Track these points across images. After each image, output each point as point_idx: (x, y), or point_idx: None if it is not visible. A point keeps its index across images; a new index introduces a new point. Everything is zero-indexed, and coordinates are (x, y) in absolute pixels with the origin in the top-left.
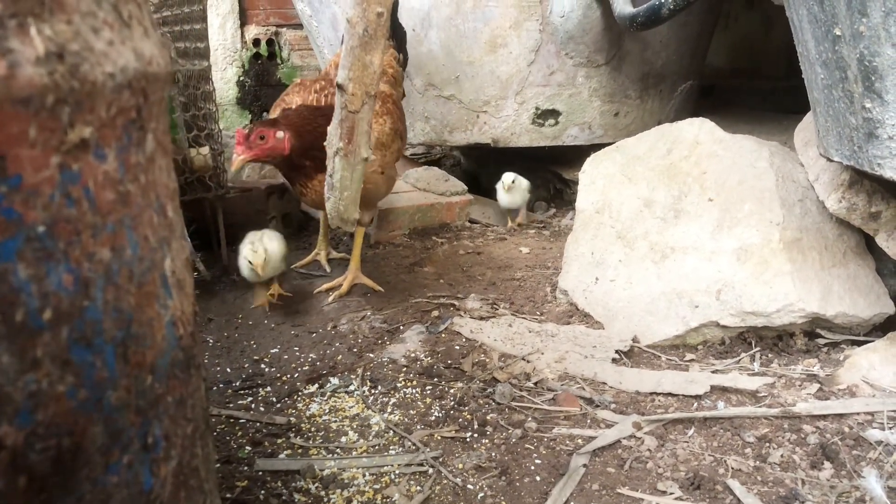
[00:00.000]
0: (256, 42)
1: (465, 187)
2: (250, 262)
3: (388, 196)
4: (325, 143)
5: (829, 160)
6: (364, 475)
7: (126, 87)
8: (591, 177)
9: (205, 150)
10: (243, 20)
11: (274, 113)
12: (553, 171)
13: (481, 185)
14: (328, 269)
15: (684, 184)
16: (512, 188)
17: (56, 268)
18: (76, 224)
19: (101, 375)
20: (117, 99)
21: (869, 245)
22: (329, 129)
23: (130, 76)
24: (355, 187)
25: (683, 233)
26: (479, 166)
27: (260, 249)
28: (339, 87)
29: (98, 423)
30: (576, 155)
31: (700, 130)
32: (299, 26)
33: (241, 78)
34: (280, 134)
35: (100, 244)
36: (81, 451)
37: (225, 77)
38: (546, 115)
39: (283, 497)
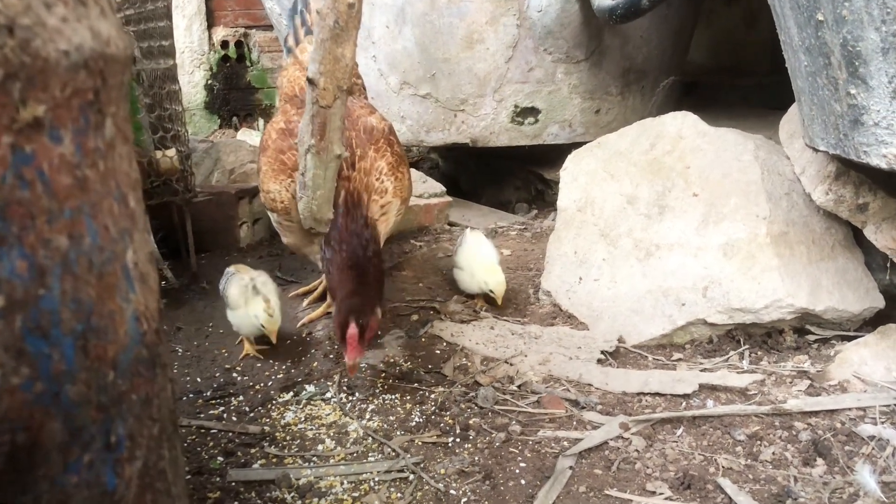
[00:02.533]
0: (225, 44)
1: (444, 189)
2: (263, 326)
3: None
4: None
5: (815, 150)
6: (342, 483)
7: (82, 66)
8: (573, 174)
9: (171, 152)
10: (210, 21)
11: (272, 136)
12: (534, 172)
13: (461, 187)
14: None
15: (668, 179)
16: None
17: (9, 253)
18: (30, 208)
19: (58, 368)
20: (73, 78)
21: (857, 238)
22: (300, 125)
23: (86, 55)
24: (329, 186)
25: (668, 229)
26: (458, 168)
27: (276, 313)
28: (310, 81)
29: (56, 418)
30: (557, 154)
31: (683, 124)
32: (269, 27)
33: (210, 81)
34: (377, 312)
35: (56, 231)
36: (38, 447)
37: (192, 81)
38: (525, 114)
39: None
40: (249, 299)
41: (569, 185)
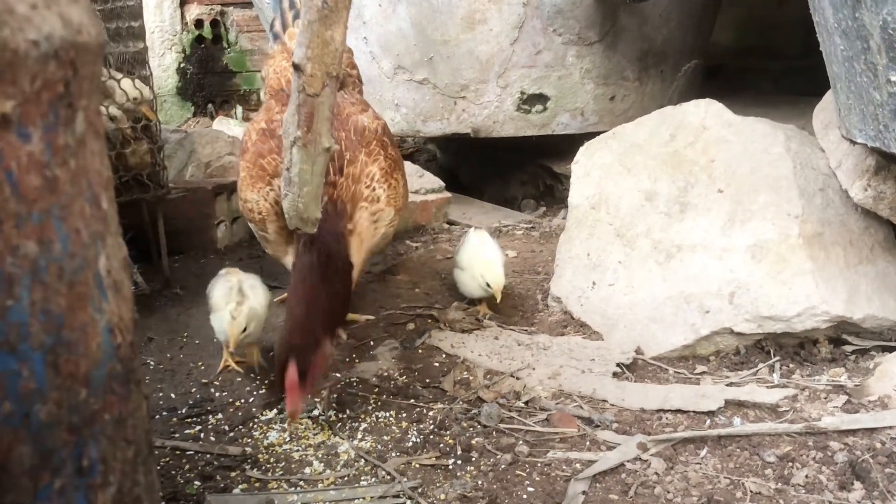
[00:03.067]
0: (199, 23)
1: (443, 184)
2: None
3: None
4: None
5: (853, 142)
6: None
7: (52, 57)
8: (586, 168)
9: (142, 145)
10: None
11: (252, 137)
12: (542, 165)
13: (461, 182)
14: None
15: (690, 173)
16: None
17: None
18: None
19: (27, 386)
20: (42, 70)
21: None
22: (285, 115)
23: (57, 45)
24: (316, 182)
25: (691, 229)
26: (458, 160)
27: (241, 317)
28: (296, 67)
29: (26, 441)
30: (568, 145)
31: (707, 113)
32: (248, 4)
33: (182, 65)
34: (327, 348)
35: (24, 236)
36: (6, 473)
37: (163, 64)
38: (533, 101)
39: None
40: (231, 300)
41: (581, 179)
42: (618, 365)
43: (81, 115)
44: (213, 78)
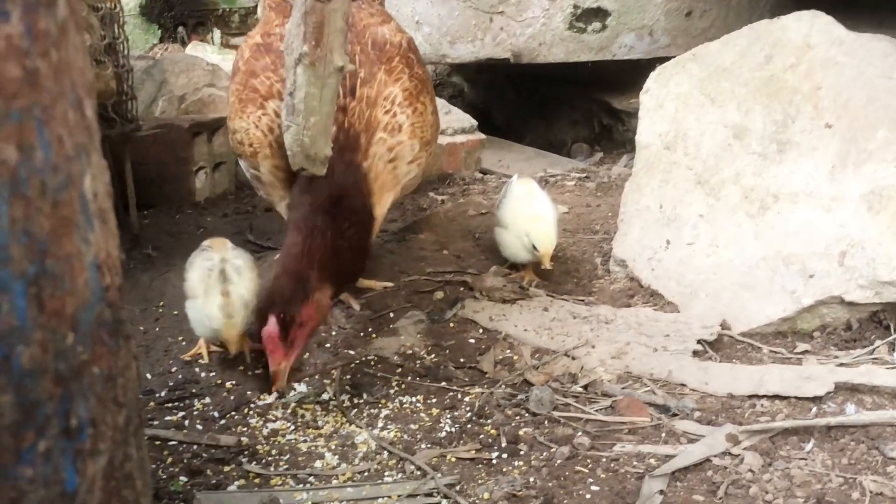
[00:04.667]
0: None
1: (474, 122)
2: (216, 331)
3: None
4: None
5: None
6: None
7: None
8: (658, 98)
9: (106, 69)
10: None
11: (244, 55)
12: (598, 100)
13: (494, 123)
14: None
15: (791, 104)
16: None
17: None
18: None
19: (8, 322)
20: None
21: None
22: (288, 27)
23: None
24: (326, 110)
25: (791, 173)
26: (490, 95)
27: (238, 314)
28: None
29: (6, 389)
30: (632, 74)
31: (812, 28)
32: None
33: None
34: (321, 299)
35: (3, 138)
36: None
37: None
38: (589, 17)
39: None
40: (211, 288)
41: (652, 113)
42: (699, 342)
43: None
44: None
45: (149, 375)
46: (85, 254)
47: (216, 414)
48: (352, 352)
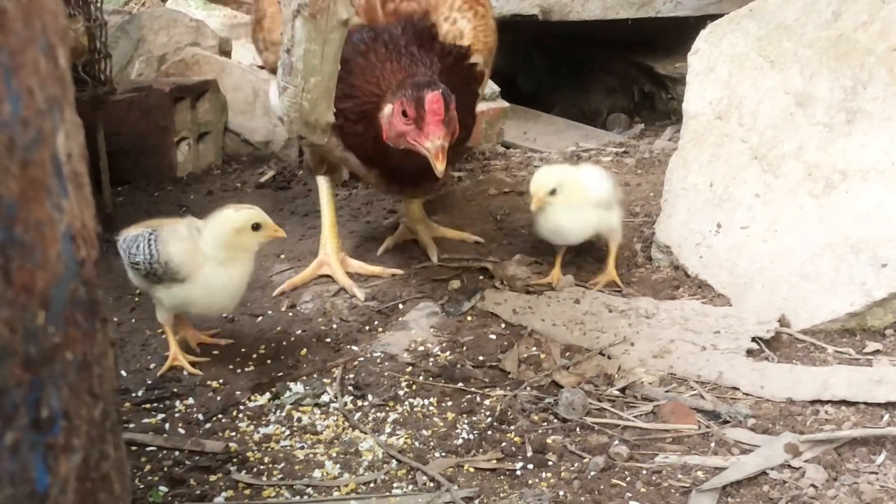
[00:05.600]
0: None
1: (497, 89)
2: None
3: None
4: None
5: None
6: None
7: None
8: (709, 60)
9: (76, 23)
10: None
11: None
12: (638, 64)
13: (519, 90)
14: (361, 297)
15: (862, 68)
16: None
17: None
18: None
19: None
20: None
21: None
22: None
23: None
24: (329, 69)
25: (862, 147)
26: (515, 59)
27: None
28: None
29: None
30: (677, 34)
31: None
32: None
33: None
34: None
35: None
36: None
37: None
38: None
39: None
40: (212, 258)
41: (702, 78)
42: (753, 339)
43: None
44: None
45: (124, 372)
46: (58, 222)
47: (200, 416)
48: (355, 348)
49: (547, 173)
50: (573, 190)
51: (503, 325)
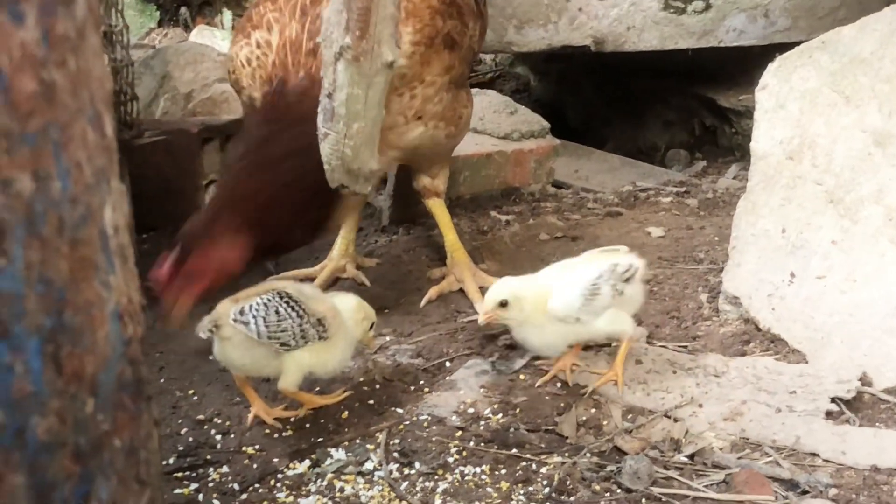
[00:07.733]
0: None
1: (546, 125)
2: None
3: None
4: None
5: None
6: None
7: None
8: (779, 96)
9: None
10: None
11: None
12: (700, 96)
13: (568, 124)
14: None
15: None
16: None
17: None
18: None
19: (23, 389)
20: None
21: None
22: (325, 13)
23: None
24: (372, 115)
25: None
26: (563, 91)
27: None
28: None
29: (19, 469)
30: (742, 65)
31: None
32: None
33: None
34: (230, 249)
35: (17, 166)
36: None
37: None
38: None
39: None
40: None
41: (771, 115)
42: (833, 400)
43: None
44: None
45: None
46: (106, 301)
47: (236, 486)
48: (400, 410)
49: (501, 284)
50: (531, 304)
51: (559, 385)
